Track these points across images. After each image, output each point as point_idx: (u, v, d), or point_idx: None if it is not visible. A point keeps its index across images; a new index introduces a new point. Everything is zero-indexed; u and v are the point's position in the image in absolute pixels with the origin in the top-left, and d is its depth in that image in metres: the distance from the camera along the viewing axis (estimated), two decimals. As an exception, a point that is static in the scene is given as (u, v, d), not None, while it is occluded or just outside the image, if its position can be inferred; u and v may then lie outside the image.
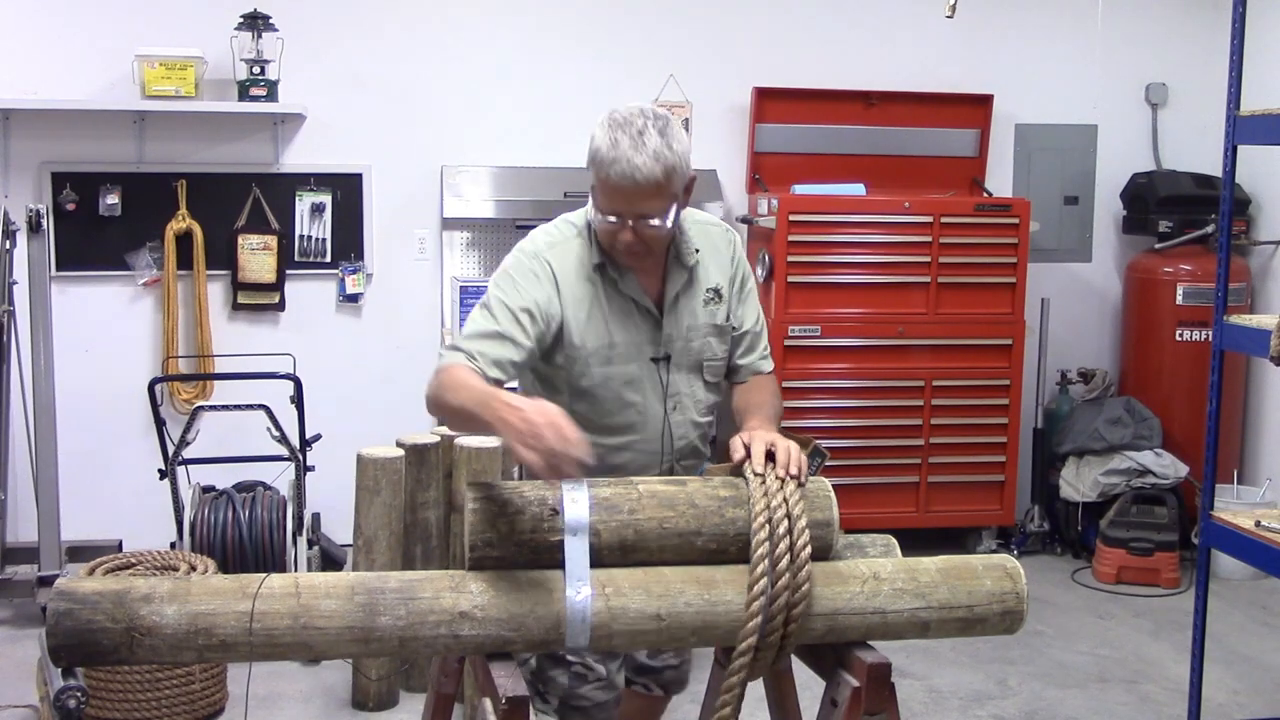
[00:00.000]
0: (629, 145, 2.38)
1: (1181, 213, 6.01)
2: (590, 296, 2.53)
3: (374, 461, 4.14)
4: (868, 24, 6.09)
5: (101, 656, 2.04)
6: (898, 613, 2.22)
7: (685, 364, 2.62)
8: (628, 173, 2.38)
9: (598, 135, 2.43)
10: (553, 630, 2.12)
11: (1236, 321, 3.78)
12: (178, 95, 5.34)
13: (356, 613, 2.08)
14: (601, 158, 2.41)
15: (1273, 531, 3.62)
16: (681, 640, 2.19)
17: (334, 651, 2.10)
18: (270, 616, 2.06)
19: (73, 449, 5.12)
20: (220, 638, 2.05)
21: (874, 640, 2.25)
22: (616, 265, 2.55)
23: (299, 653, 2.09)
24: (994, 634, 2.31)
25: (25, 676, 4.03)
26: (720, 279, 2.65)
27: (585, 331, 2.52)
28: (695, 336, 2.62)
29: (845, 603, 2.21)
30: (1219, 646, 4.82)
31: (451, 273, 5.80)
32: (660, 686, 2.87)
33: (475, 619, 2.10)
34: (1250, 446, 6.18)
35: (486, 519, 2.15)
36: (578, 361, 2.53)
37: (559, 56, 5.86)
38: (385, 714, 4.23)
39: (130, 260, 5.53)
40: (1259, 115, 3.65)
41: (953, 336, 5.76)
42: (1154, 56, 6.33)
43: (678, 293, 2.59)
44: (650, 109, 2.46)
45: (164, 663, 2.10)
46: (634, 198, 2.42)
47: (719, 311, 2.64)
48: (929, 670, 4.63)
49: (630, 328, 2.56)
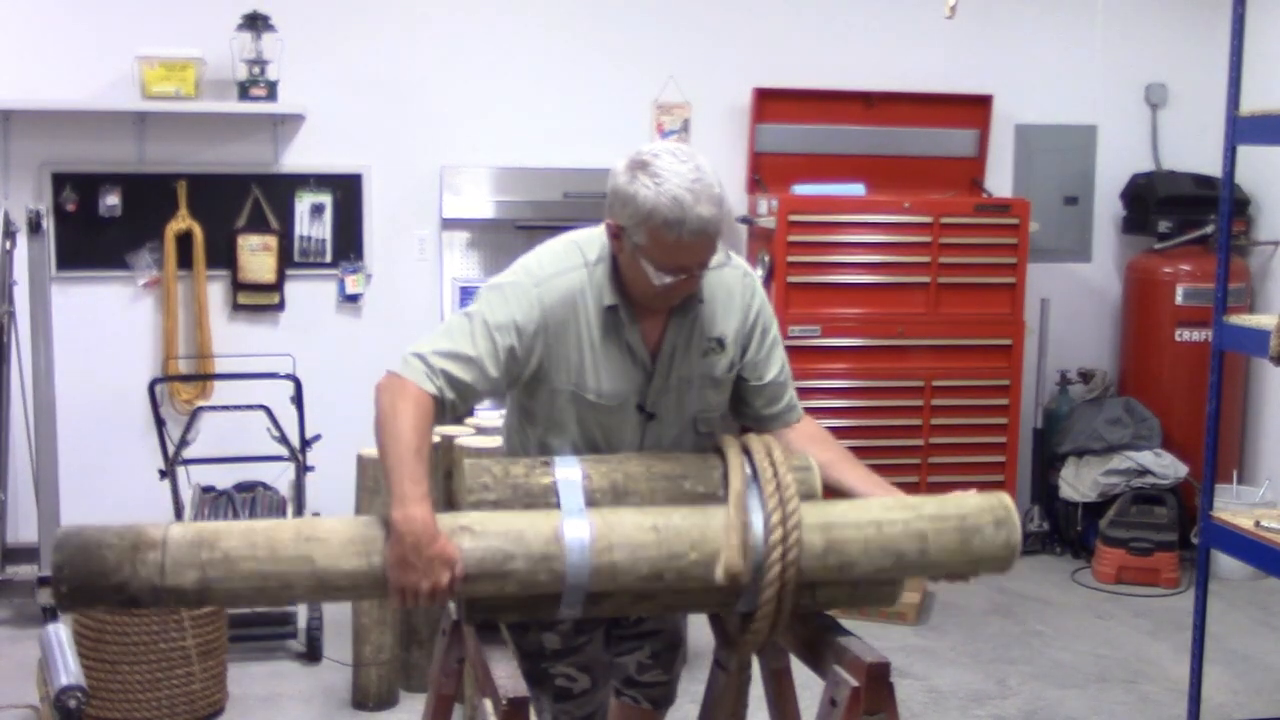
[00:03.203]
0: (691, 199, 2.24)
1: (1181, 213, 6.01)
2: (584, 337, 2.38)
3: (374, 462, 4.14)
4: (868, 24, 6.09)
5: (103, 576, 2.03)
6: (892, 523, 2.27)
7: (673, 419, 2.48)
8: (700, 229, 2.25)
9: (643, 194, 2.25)
10: (552, 542, 2.15)
11: (1236, 321, 3.78)
12: (178, 95, 5.34)
13: (358, 527, 2.16)
14: (665, 218, 2.24)
15: (1272, 531, 3.62)
16: (680, 559, 2.17)
17: (336, 565, 2.10)
18: (276, 529, 2.12)
19: (73, 449, 5.11)
20: (224, 550, 2.07)
21: (873, 562, 2.24)
22: (630, 311, 2.40)
23: (300, 567, 2.09)
24: (994, 553, 2.29)
25: (25, 676, 4.02)
26: (726, 328, 2.47)
27: (569, 371, 2.39)
28: (687, 389, 2.47)
29: (839, 516, 2.27)
30: (1219, 646, 4.82)
31: (451, 273, 5.80)
32: (650, 701, 2.82)
33: (474, 532, 2.15)
34: (1250, 446, 6.18)
35: (481, 466, 2.26)
36: (557, 399, 2.42)
37: (559, 56, 5.86)
38: (385, 714, 4.23)
39: (130, 260, 5.53)
40: (1259, 115, 3.65)
41: (953, 337, 5.76)
42: (1154, 56, 6.33)
43: (675, 344, 2.44)
44: (672, 146, 2.34)
45: (164, 590, 2.04)
46: (704, 249, 2.30)
47: (719, 362, 2.48)
48: (929, 670, 4.63)
49: (618, 375, 2.41)
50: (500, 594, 2.18)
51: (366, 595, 2.24)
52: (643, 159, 2.31)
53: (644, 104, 5.96)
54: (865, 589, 2.35)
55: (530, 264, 2.44)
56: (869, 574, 2.27)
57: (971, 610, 5.29)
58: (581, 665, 2.57)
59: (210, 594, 2.08)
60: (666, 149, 2.33)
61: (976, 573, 2.35)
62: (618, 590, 2.21)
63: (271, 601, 2.16)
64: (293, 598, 2.16)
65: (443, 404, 2.31)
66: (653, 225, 2.26)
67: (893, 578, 2.33)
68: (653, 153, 2.31)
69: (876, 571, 2.27)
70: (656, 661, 2.78)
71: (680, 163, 2.29)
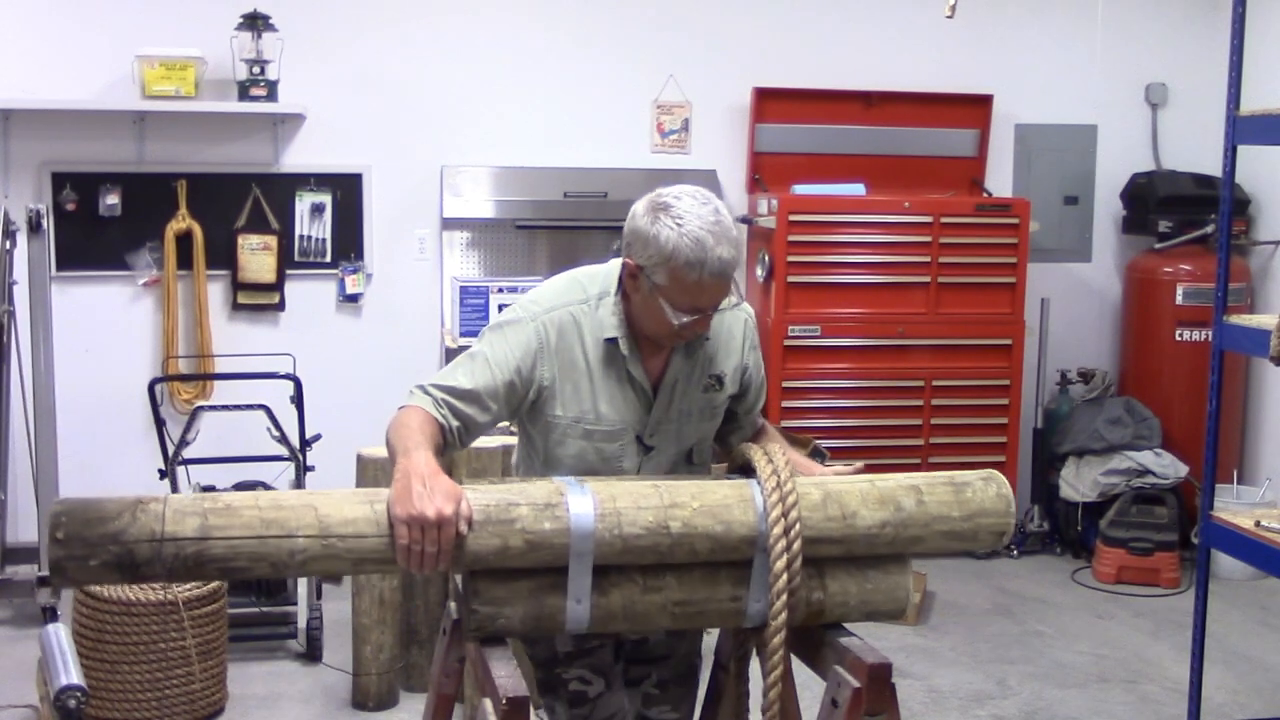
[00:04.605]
0: (712, 241, 2.31)
1: (1181, 213, 6.01)
2: (582, 367, 2.46)
3: (374, 462, 4.14)
4: (868, 24, 6.09)
5: (102, 522, 2.01)
6: (884, 479, 2.34)
7: (672, 450, 2.56)
8: (720, 270, 2.33)
9: (665, 234, 2.31)
10: (554, 494, 2.19)
11: (1236, 321, 3.78)
12: (178, 95, 5.34)
13: (361, 490, 2.19)
14: (687, 259, 2.30)
15: (1273, 531, 3.61)
16: (682, 508, 2.19)
17: (339, 511, 2.09)
18: (279, 493, 2.15)
19: (73, 449, 5.12)
20: (225, 501, 2.10)
21: (874, 514, 2.26)
22: (632, 344, 2.47)
23: (303, 515, 2.08)
24: (990, 505, 2.34)
25: (25, 676, 4.02)
26: (725, 366, 2.57)
27: (570, 402, 2.47)
28: (686, 422, 2.55)
29: (832, 480, 2.35)
30: (1219, 646, 4.82)
31: (451, 273, 5.80)
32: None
33: (478, 489, 2.18)
34: (1250, 446, 6.18)
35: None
36: (556, 429, 2.48)
37: (559, 56, 5.86)
38: (385, 714, 4.23)
39: (130, 260, 5.53)
40: (1259, 115, 3.65)
41: (953, 336, 5.76)
42: (1154, 56, 6.33)
43: (678, 377, 2.52)
44: (690, 189, 2.39)
45: (164, 540, 2.02)
46: (721, 290, 2.38)
47: (718, 397, 2.58)
48: (929, 670, 4.63)
49: (620, 406, 2.49)
50: (505, 551, 2.14)
51: (370, 560, 2.13)
52: (664, 201, 2.36)
53: (644, 104, 5.96)
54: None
55: (530, 301, 2.52)
56: (873, 529, 2.27)
57: (971, 610, 5.29)
58: (595, 668, 2.58)
59: (210, 548, 2.03)
60: (687, 191, 2.39)
61: (979, 536, 2.36)
62: (625, 552, 2.17)
63: (274, 562, 2.07)
64: (294, 557, 2.07)
65: (448, 431, 2.38)
66: (674, 265, 2.32)
67: (897, 538, 2.30)
68: (675, 195, 2.37)
69: (881, 527, 2.27)
70: (665, 694, 2.75)
71: (701, 205, 2.35)
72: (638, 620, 2.27)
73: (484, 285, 5.63)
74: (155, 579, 2.07)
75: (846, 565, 2.32)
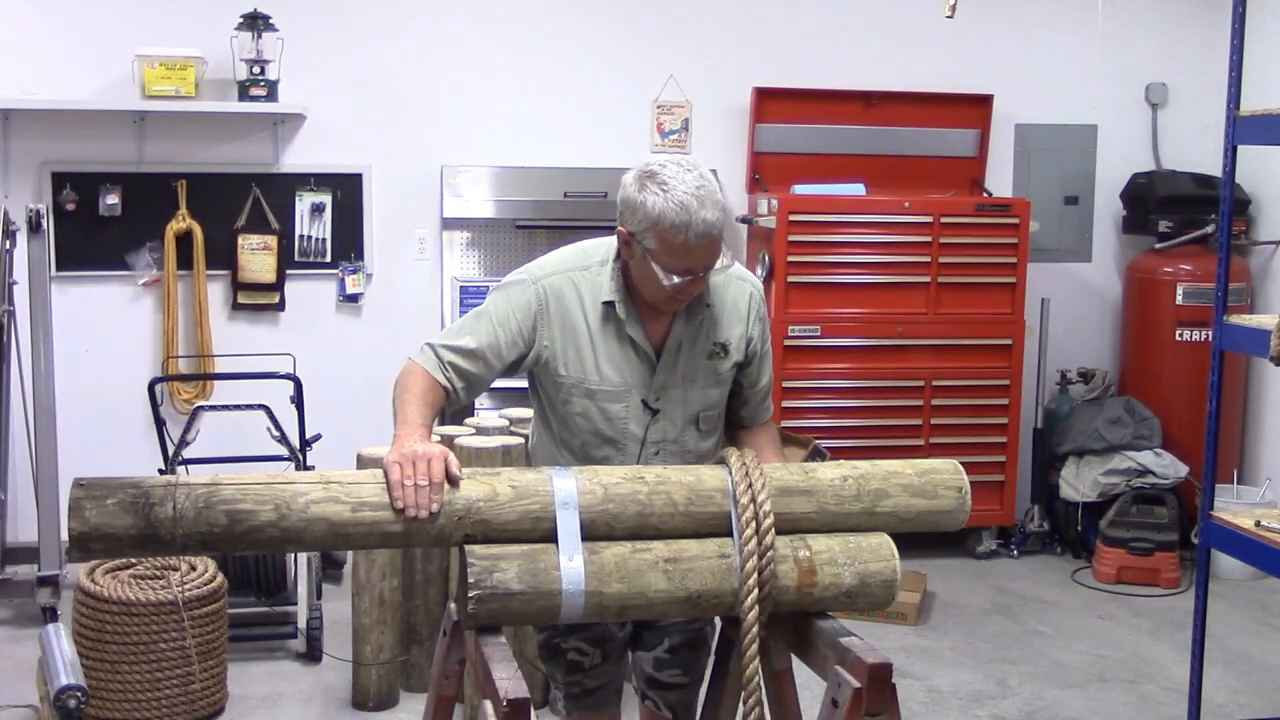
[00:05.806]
0: (696, 204, 2.42)
1: (1181, 213, 6.01)
2: (583, 328, 2.59)
3: (374, 462, 4.13)
4: (868, 24, 6.09)
5: (121, 488, 2.15)
6: (839, 461, 2.51)
7: (679, 415, 2.65)
8: (705, 231, 2.43)
9: (651, 200, 2.44)
10: (540, 475, 2.32)
11: (1236, 321, 3.78)
12: (178, 95, 5.34)
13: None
14: (673, 222, 2.42)
15: (1273, 531, 3.62)
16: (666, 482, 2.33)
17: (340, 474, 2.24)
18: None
19: (73, 449, 5.09)
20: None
21: (833, 471, 2.42)
22: (628, 306, 2.58)
23: (308, 477, 2.23)
24: (937, 466, 2.49)
25: (25, 676, 4.03)
26: (730, 335, 2.66)
27: (573, 364, 2.59)
28: (691, 387, 2.65)
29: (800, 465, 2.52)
30: (1219, 646, 4.82)
31: (451, 273, 5.80)
32: (669, 708, 2.89)
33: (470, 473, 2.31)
34: (1250, 446, 6.18)
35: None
36: (562, 388, 2.62)
37: (559, 57, 5.86)
38: (385, 714, 4.23)
39: (130, 260, 5.53)
40: (1259, 115, 3.65)
41: (953, 336, 5.76)
42: (1154, 56, 6.33)
43: (680, 342, 2.62)
44: (676, 158, 2.52)
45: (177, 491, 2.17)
46: (709, 252, 2.48)
47: (723, 365, 2.66)
48: (929, 670, 4.63)
49: (622, 367, 2.60)
50: (494, 497, 2.26)
51: (368, 505, 2.21)
52: (650, 170, 2.49)
53: (644, 104, 5.96)
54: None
55: (535, 265, 2.67)
56: (835, 481, 2.42)
57: (971, 610, 5.29)
58: (593, 640, 2.73)
59: (219, 490, 2.18)
60: (672, 160, 2.52)
61: (938, 493, 2.50)
62: (607, 500, 2.30)
63: (279, 506, 2.17)
64: (299, 499, 2.19)
65: (451, 390, 2.54)
66: (661, 229, 2.44)
67: (862, 490, 2.43)
68: (660, 164, 2.50)
69: (842, 480, 2.42)
70: (675, 658, 2.84)
71: (685, 171, 2.48)
72: (632, 578, 2.27)
73: (484, 285, 5.63)
74: (166, 524, 2.14)
75: (825, 531, 2.43)
